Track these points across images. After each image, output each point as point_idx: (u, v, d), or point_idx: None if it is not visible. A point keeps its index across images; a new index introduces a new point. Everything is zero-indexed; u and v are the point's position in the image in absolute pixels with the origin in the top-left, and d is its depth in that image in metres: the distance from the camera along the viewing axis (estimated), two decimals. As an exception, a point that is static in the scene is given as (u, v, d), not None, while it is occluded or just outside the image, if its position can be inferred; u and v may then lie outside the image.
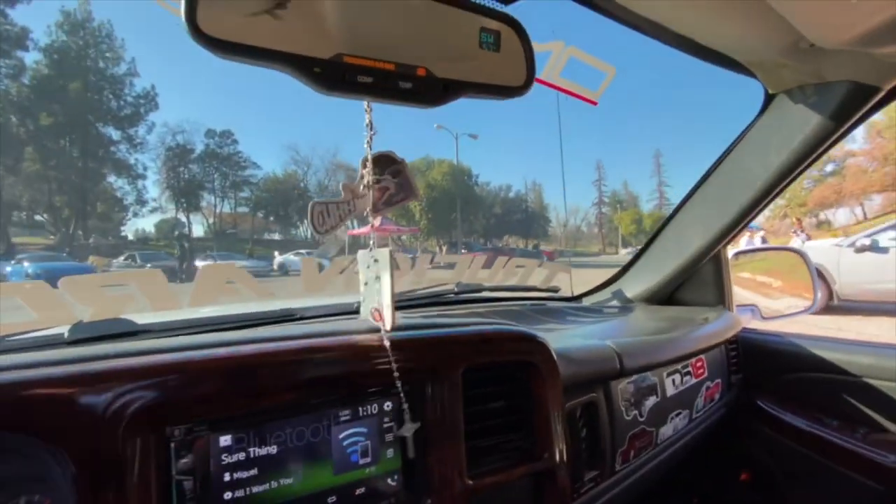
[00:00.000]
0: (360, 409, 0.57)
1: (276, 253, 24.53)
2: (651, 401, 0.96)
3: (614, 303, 1.53)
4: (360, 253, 0.62)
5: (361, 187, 0.57)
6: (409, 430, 0.58)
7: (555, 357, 0.70)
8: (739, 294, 1.39)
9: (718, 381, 1.18)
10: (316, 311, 1.00)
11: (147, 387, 0.45)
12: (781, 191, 1.15)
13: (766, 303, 1.42)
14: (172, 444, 0.46)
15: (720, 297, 1.36)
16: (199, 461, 0.48)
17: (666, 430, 1.00)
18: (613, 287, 1.60)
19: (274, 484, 0.51)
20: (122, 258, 22.07)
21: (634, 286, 1.51)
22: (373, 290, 0.61)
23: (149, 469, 0.45)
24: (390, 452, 0.58)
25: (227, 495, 0.48)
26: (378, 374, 0.57)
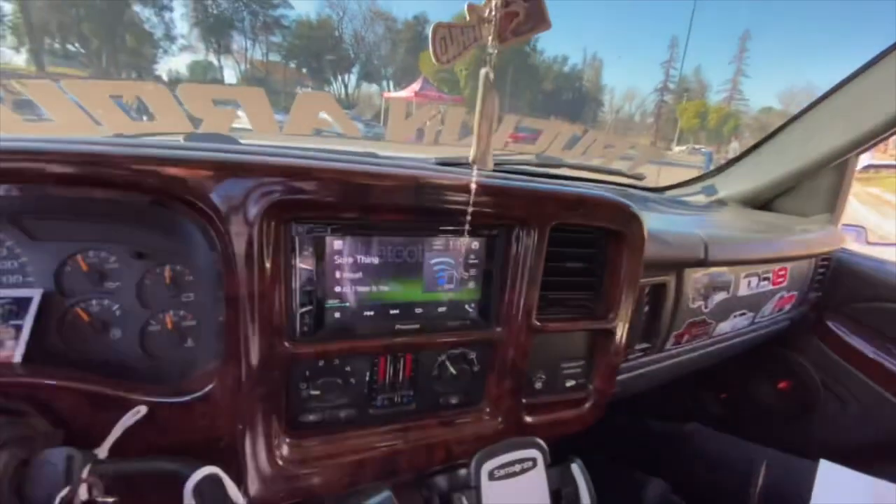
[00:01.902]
0: (451, 242, 0.62)
1: (307, 109, 22.88)
2: (720, 296, 0.95)
3: (702, 198, 1.44)
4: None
5: (489, 10, 0.51)
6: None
7: (646, 234, 0.69)
8: (852, 207, 1.25)
9: (795, 293, 1.14)
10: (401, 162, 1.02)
11: (282, 183, 0.49)
12: None
13: (879, 221, 1.28)
14: (297, 238, 0.53)
15: (830, 210, 1.23)
16: (317, 257, 0.55)
17: (724, 326, 1.01)
18: (705, 183, 1.49)
19: (374, 288, 0.58)
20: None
21: (730, 185, 1.39)
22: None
23: (279, 256, 0.51)
24: (472, 284, 0.64)
25: (337, 289, 0.57)
26: (473, 215, 0.59)
